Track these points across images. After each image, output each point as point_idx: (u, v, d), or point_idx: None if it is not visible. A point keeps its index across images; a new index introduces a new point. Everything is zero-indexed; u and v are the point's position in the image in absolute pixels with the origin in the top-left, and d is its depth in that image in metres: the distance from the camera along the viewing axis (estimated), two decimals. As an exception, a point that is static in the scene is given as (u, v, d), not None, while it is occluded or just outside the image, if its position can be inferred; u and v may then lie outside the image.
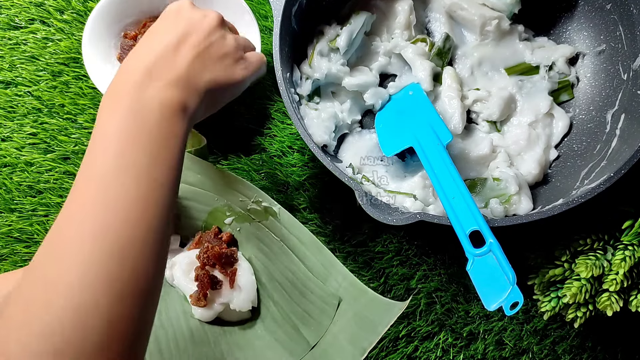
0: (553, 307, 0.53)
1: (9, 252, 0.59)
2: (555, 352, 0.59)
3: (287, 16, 0.54)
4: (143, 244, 0.33)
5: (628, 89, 0.55)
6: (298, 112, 0.54)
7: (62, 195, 0.60)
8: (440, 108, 0.59)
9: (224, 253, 0.54)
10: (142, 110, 0.35)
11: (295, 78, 0.58)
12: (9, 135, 0.62)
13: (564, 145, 0.61)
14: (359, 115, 0.61)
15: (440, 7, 0.63)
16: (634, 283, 0.51)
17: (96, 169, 0.34)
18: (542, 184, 0.59)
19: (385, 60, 0.61)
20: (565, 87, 0.62)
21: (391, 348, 0.58)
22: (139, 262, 0.32)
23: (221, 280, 0.54)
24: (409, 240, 0.61)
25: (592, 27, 0.61)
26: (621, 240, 0.51)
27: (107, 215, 0.32)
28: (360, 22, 0.59)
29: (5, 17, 0.65)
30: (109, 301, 0.31)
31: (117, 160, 0.34)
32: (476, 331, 0.59)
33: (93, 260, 0.31)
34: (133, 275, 0.32)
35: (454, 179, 0.48)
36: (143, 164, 0.34)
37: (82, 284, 0.30)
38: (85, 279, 0.30)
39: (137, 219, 0.33)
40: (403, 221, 0.46)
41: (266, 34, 0.65)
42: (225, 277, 0.54)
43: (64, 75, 0.64)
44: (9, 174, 0.61)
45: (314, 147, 0.50)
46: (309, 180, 0.62)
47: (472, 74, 0.62)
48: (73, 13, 0.65)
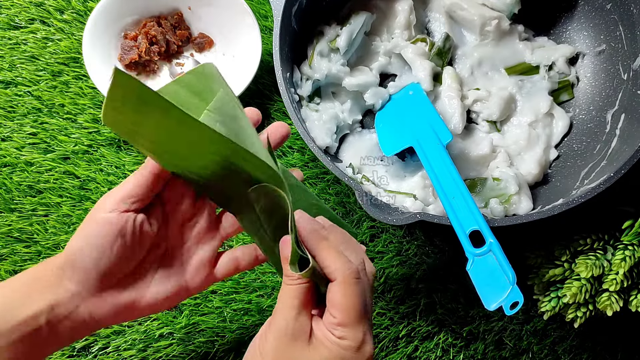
0: (553, 307, 0.53)
1: (9, 252, 0.59)
2: (555, 352, 0.59)
3: (287, 16, 0.54)
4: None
5: (628, 89, 0.55)
6: (299, 112, 0.54)
7: (62, 195, 0.60)
8: (440, 108, 0.59)
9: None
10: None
11: (296, 79, 0.58)
12: (9, 135, 0.62)
13: (564, 145, 0.61)
14: (360, 115, 0.61)
15: (440, 7, 0.63)
16: (634, 283, 0.51)
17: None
18: (542, 184, 0.59)
19: (385, 60, 0.61)
20: (565, 87, 0.62)
21: (391, 348, 0.58)
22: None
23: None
24: (409, 241, 0.61)
25: (592, 27, 0.61)
26: (621, 240, 0.51)
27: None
28: (360, 22, 0.59)
29: (5, 17, 0.65)
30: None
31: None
32: (476, 331, 0.59)
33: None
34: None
35: (454, 179, 0.48)
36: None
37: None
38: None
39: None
40: (403, 221, 0.46)
41: (266, 34, 0.65)
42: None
43: (64, 75, 0.64)
44: (9, 174, 0.61)
45: (315, 149, 0.51)
46: (309, 180, 0.62)
47: (472, 74, 0.62)
48: (73, 13, 0.65)
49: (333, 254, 0.36)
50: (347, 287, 0.35)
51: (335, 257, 0.35)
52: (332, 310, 0.35)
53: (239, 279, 0.59)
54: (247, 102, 0.63)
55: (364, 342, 0.35)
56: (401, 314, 0.59)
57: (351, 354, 0.34)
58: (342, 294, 0.34)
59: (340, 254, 0.35)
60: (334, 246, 0.36)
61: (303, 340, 0.35)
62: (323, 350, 0.34)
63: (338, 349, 0.34)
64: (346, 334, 0.34)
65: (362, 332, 0.35)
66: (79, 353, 0.56)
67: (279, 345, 0.35)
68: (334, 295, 0.35)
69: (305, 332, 0.35)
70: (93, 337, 0.56)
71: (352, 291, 0.35)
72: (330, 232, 0.37)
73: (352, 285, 0.35)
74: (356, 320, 0.35)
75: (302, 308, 0.36)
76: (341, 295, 0.34)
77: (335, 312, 0.34)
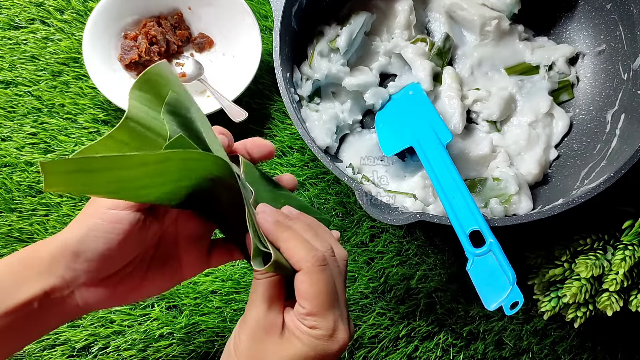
0: (553, 307, 0.53)
1: (9, 252, 0.59)
2: (555, 352, 0.59)
3: (287, 16, 0.54)
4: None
5: (628, 89, 0.55)
6: (299, 112, 0.54)
7: (62, 195, 0.60)
8: (440, 108, 0.59)
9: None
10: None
11: (296, 79, 0.58)
12: (9, 135, 0.62)
13: (564, 145, 0.61)
14: (360, 115, 0.61)
15: (440, 7, 0.63)
16: (634, 283, 0.51)
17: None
18: (542, 184, 0.59)
19: (385, 60, 0.61)
20: (565, 87, 0.62)
21: (391, 348, 0.58)
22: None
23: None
24: (409, 241, 0.61)
25: (592, 27, 0.61)
26: (621, 240, 0.51)
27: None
28: (360, 22, 0.59)
29: (5, 17, 0.65)
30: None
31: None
32: (476, 331, 0.59)
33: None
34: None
35: (454, 179, 0.48)
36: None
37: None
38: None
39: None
40: (403, 221, 0.46)
41: (266, 34, 0.65)
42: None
43: (64, 75, 0.64)
44: (9, 174, 0.61)
45: (315, 149, 0.51)
46: (309, 180, 0.62)
47: (472, 73, 0.62)
48: (73, 13, 0.65)
49: (296, 243, 0.35)
50: (313, 275, 0.34)
51: (298, 247, 0.34)
52: (301, 300, 0.34)
53: (239, 279, 0.59)
54: (247, 102, 0.63)
55: (336, 329, 0.34)
56: (401, 314, 0.59)
57: (323, 342, 0.34)
58: (308, 283, 0.34)
59: (304, 242, 0.35)
60: (297, 236, 0.35)
61: (275, 333, 0.35)
62: (295, 341, 0.34)
63: (310, 338, 0.34)
64: (317, 323, 0.34)
65: (333, 320, 0.34)
66: (79, 353, 0.56)
67: (251, 341, 0.34)
68: (301, 285, 0.34)
69: (277, 326, 0.35)
70: (93, 337, 0.56)
71: (318, 279, 0.34)
72: (296, 221, 0.37)
73: (318, 273, 0.34)
74: (325, 308, 0.34)
75: (272, 302, 0.35)
76: (308, 285, 0.34)
77: (304, 302, 0.34)
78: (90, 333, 0.56)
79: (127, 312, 0.57)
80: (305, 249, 0.34)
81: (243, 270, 0.59)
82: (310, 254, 0.34)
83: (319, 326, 0.34)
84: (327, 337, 0.34)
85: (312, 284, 0.34)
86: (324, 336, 0.34)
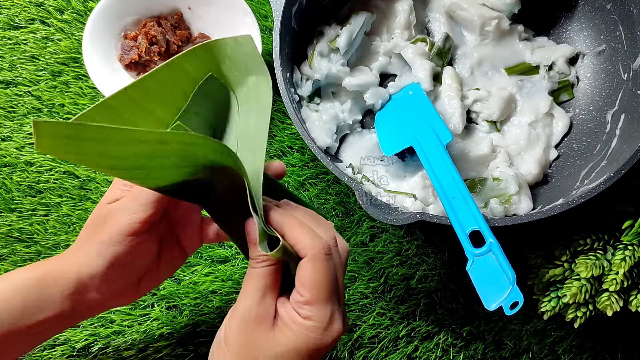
0: (553, 307, 0.53)
1: (9, 252, 0.59)
2: (555, 352, 0.59)
3: (287, 16, 0.54)
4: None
5: (628, 89, 0.55)
6: (299, 112, 0.54)
7: (62, 195, 0.60)
8: (440, 108, 0.59)
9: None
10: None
11: (296, 79, 0.58)
12: (9, 135, 0.62)
13: (564, 145, 0.61)
14: (360, 115, 0.61)
15: (440, 7, 0.63)
16: (634, 283, 0.51)
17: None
18: (542, 184, 0.59)
19: (385, 60, 0.61)
20: (565, 87, 0.62)
21: (391, 348, 0.58)
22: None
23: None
24: (409, 241, 0.61)
25: (592, 27, 0.61)
26: (621, 240, 0.51)
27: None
28: (360, 22, 0.59)
29: (5, 17, 0.65)
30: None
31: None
32: (476, 331, 0.59)
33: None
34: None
35: (454, 179, 0.48)
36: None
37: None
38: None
39: None
40: (403, 221, 0.46)
41: (266, 34, 0.65)
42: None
43: (64, 75, 0.64)
44: (9, 174, 0.61)
45: (315, 149, 0.51)
46: (309, 180, 0.62)
47: (472, 73, 0.62)
48: (73, 13, 0.65)
49: (303, 229, 0.34)
50: (317, 262, 0.33)
51: (305, 233, 0.34)
52: (300, 288, 0.34)
53: (239, 279, 0.59)
54: (247, 102, 0.63)
55: (332, 321, 0.34)
56: (401, 314, 0.59)
57: (316, 335, 0.33)
58: (312, 270, 0.33)
59: (310, 230, 0.34)
60: (302, 223, 0.35)
61: (267, 324, 0.34)
62: (287, 332, 0.33)
63: (302, 330, 0.33)
64: (312, 313, 0.33)
65: (330, 311, 0.34)
66: (79, 353, 0.56)
67: (242, 331, 0.34)
68: (304, 272, 0.34)
69: (270, 315, 0.34)
70: (93, 337, 0.56)
71: (322, 267, 0.34)
72: (299, 210, 0.37)
73: (322, 262, 0.34)
74: (324, 299, 0.34)
75: (267, 292, 0.35)
76: (311, 272, 0.33)
77: (303, 290, 0.33)
78: (90, 333, 0.56)
79: (127, 312, 0.57)
80: (311, 237, 0.34)
81: (243, 270, 0.59)
82: (315, 242, 0.34)
83: (314, 317, 0.33)
84: (321, 329, 0.34)
85: (315, 271, 0.33)
86: (318, 328, 0.33)
